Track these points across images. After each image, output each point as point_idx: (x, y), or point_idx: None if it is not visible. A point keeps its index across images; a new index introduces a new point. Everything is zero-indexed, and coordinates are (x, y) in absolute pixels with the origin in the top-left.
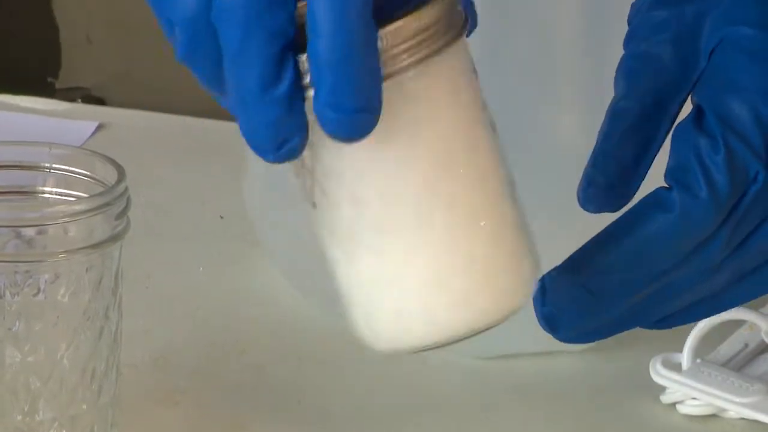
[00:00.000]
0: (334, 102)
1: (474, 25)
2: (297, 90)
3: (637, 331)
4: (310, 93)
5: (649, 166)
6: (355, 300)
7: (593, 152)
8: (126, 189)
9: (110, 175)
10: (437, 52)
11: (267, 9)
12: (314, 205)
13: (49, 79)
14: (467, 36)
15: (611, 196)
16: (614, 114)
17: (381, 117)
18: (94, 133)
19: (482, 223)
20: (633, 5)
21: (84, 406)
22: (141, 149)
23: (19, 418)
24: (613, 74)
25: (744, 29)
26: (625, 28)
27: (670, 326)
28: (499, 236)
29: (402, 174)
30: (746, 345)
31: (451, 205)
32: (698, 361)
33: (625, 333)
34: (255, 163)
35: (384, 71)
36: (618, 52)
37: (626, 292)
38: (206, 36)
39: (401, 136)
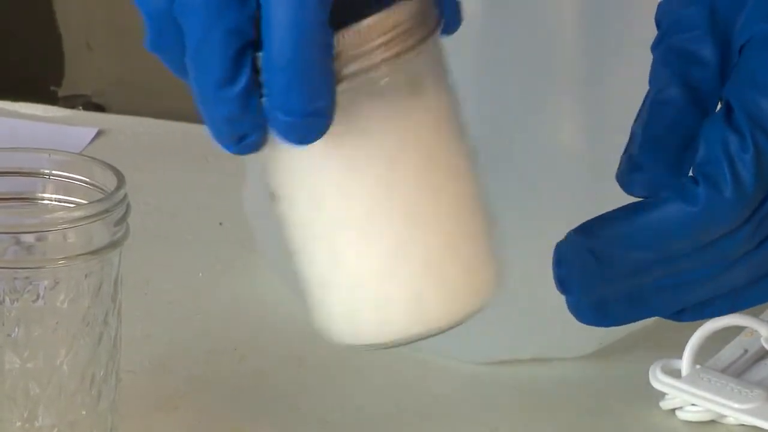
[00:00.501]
0: (284, 105)
1: (458, 20)
2: (253, 89)
3: (637, 337)
4: None
5: (694, 155)
6: (312, 293)
7: (637, 138)
8: (125, 195)
9: (110, 182)
10: (404, 53)
11: (226, 7)
12: (274, 197)
13: (53, 88)
14: (451, 33)
15: (661, 181)
16: (658, 102)
17: (337, 117)
18: (93, 139)
19: (439, 228)
20: (660, 5)
21: (83, 412)
22: (140, 156)
23: (19, 424)
24: (613, 80)
25: None
26: (625, 33)
27: (689, 319)
28: (456, 241)
29: (357, 174)
30: (745, 351)
31: (407, 209)
32: (698, 367)
33: (624, 339)
34: (254, 169)
35: (343, 71)
36: (617, 58)
37: (633, 267)
38: (171, 28)
39: (357, 135)
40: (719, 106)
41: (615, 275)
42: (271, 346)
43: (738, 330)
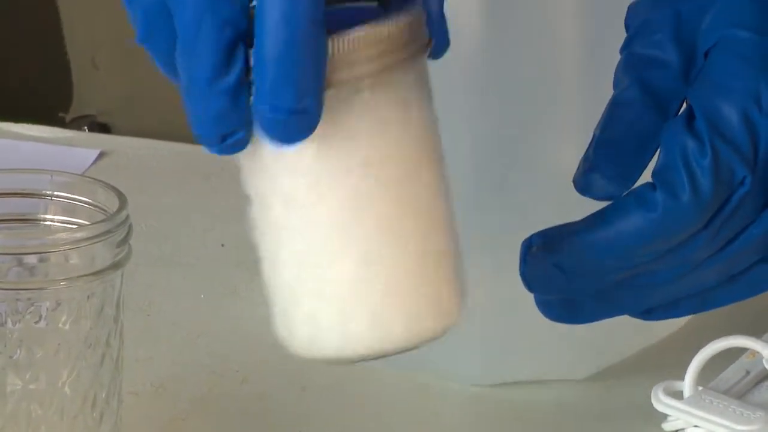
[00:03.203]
0: (272, 100)
1: (445, 44)
2: (244, 83)
3: (638, 359)
4: None
5: (651, 158)
6: (275, 301)
7: (594, 140)
8: (127, 216)
9: (112, 203)
10: (393, 66)
11: None
12: (248, 199)
13: (60, 114)
14: (438, 57)
15: (613, 184)
16: (617, 104)
17: (321, 123)
18: (96, 160)
19: (410, 245)
20: (629, 8)
21: None
22: (142, 176)
23: None
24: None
25: (740, 32)
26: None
27: (658, 318)
28: (425, 261)
29: (332, 182)
30: (747, 372)
31: (378, 222)
32: (700, 388)
33: (625, 360)
34: None
35: (332, 77)
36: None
37: (598, 276)
38: (163, 19)
39: (337, 143)
40: (682, 109)
41: (581, 282)
42: (274, 368)
43: (740, 351)
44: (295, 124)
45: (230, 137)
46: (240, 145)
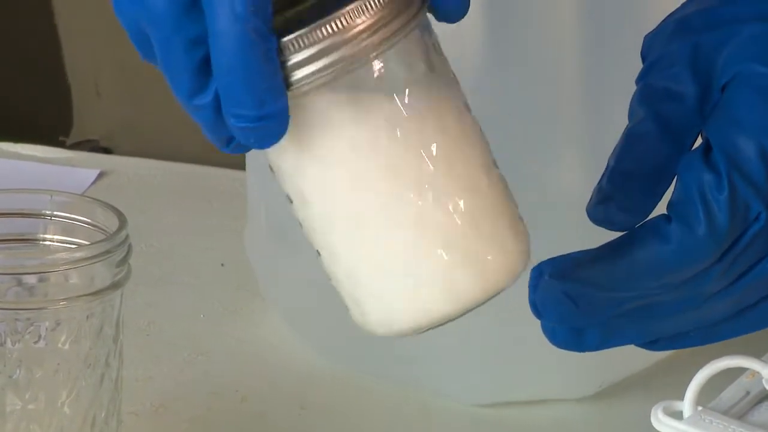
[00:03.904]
0: (233, 111)
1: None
2: None
3: (638, 378)
4: None
5: (666, 190)
6: (342, 287)
7: (608, 170)
8: (127, 236)
9: (111, 223)
10: (394, 34)
11: (185, 18)
12: (289, 199)
13: (61, 138)
14: (452, 17)
15: (626, 215)
16: (632, 135)
17: (339, 107)
18: (95, 180)
19: (457, 206)
20: (645, 39)
21: None
22: (142, 197)
23: None
24: (613, 119)
25: (758, 67)
26: (625, 79)
27: (662, 349)
28: (476, 215)
29: (370, 164)
30: (747, 393)
31: (421, 189)
32: (699, 408)
33: (625, 380)
34: (256, 212)
35: (344, 54)
36: (618, 104)
37: (610, 307)
38: (147, 40)
39: (359, 124)
40: (698, 142)
41: (591, 311)
42: (273, 387)
43: (740, 371)
44: (262, 131)
45: (231, 142)
46: (243, 149)
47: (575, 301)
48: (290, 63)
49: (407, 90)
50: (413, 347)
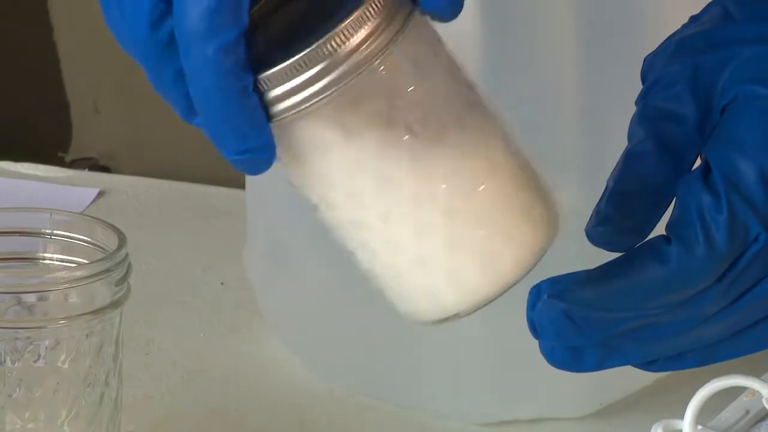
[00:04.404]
0: (218, 146)
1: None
2: None
3: (638, 397)
4: None
5: (665, 211)
6: (382, 284)
7: (608, 191)
8: (126, 255)
9: (111, 242)
10: (391, 39)
11: (166, 53)
12: (315, 207)
13: (60, 154)
14: (446, 16)
15: (625, 236)
16: (632, 156)
17: (358, 107)
18: (95, 199)
19: (479, 186)
20: (645, 60)
21: None
22: (142, 215)
23: None
24: (612, 137)
25: (758, 89)
26: (623, 91)
27: (660, 370)
28: (499, 193)
29: (394, 159)
30: (747, 412)
31: (444, 176)
32: (699, 427)
33: (625, 399)
34: (255, 230)
35: (350, 60)
36: (616, 116)
37: (608, 328)
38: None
39: (382, 126)
40: (697, 163)
41: (589, 332)
42: (272, 406)
43: (740, 390)
44: (250, 163)
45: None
46: (263, 166)
47: (573, 321)
48: (270, 97)
49: (410, 88)
50: (412, 367)
